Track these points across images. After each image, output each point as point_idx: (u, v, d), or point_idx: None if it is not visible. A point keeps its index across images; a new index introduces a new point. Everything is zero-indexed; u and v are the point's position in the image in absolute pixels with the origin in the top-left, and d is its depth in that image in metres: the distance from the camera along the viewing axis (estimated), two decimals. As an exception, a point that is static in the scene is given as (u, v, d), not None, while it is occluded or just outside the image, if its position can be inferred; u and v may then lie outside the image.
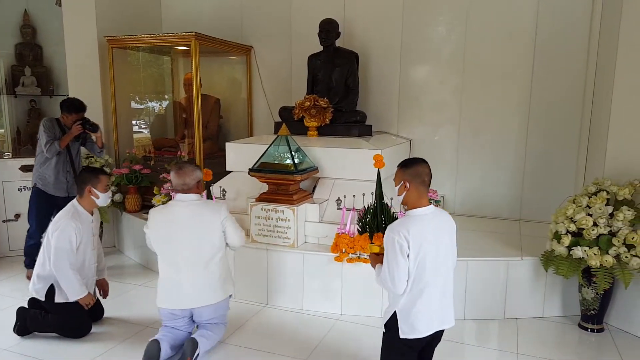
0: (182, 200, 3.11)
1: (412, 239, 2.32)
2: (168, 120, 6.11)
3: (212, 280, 3.11)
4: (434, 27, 5.02)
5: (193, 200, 3.11)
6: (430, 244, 2.36)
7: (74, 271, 3.32)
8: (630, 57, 3.59)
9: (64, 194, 4.41)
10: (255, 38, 5.76)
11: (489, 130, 4.94)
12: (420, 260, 2.35)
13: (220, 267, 3.14)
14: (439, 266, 2.41)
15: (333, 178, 4.23)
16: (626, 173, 3.60)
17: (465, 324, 3.67)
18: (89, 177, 3.45)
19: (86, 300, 3.37)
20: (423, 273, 2.36)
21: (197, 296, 3.08)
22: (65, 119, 4.40)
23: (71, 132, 4.35)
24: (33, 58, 5.75)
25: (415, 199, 2.44)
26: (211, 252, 3.10)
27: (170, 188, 4.51)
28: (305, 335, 3.49)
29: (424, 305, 2.38)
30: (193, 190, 3.12)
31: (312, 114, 4.66)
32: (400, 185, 2.46)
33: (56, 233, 3.30)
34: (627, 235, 3.27)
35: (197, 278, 3.07)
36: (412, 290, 2.38)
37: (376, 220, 3.05)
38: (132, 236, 5.06)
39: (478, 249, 3.95)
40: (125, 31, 5.24)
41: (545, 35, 4.63)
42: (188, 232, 3.05)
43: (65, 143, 4.35)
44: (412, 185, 2.42)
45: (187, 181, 3.09)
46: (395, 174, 2.52)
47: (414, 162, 2.50)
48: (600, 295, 3.45)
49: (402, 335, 2.40)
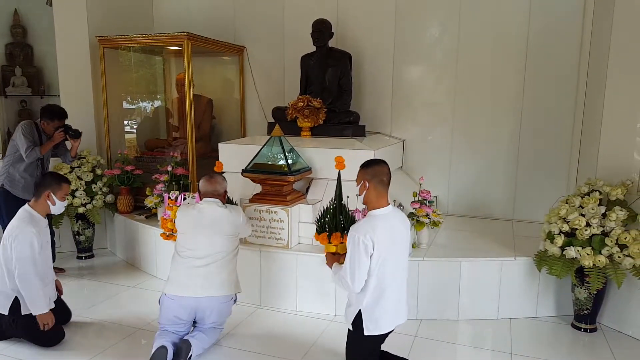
0: (210, 203, 3.34)
1: (377, 239, 2.44)
2: (160, 120, 6.07)
3: (223, 276, 3.23)
4: (426, 28, 5.02)
5: (218, 204, 3.35)
6: (393, 244, 2.51)
7: (40, 281, 3.22)
8: (622, 57, 3.61)
9: (31, 197, 4.36)
10: (248, 38, 5.74)
11: (482, 131, 4.95)
12: (383, 260, 2.47)
13: (230, 266, 3.30)
14: (398, 265, 2.55)
15: (326, 179, 4.22)
16: (618, 173, 3.61)
17: (458, 325, 3.67)
18: (51, 182, 3.41)
19: (45, 320, 3.21)
20: (385, 272, 2.48)
21: (207, 286, 3.17)
22: (45, 126, 4.34)
23: (54, 139, 4.31)
24: (23, 58, 5.70)
25: (375, 198, 2.56)
26: (226, 250, 3.27)
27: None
28: (299, 336, 3.48)
29: (386, 303, 2.51)
30: (220, 198, 3.38)
31: (305, 115, 4.64)
32: (360, 184, 2.59)
33: (15, 243, 3.18)
34: (620, 235, 3.28)
35: (211, 269, 3.20)
36: (375, 289, 2.49)
37: (335, 220, 3.14)
38: (124, 237, 5.02)
39: (471, 249, 3.95)
40: (116, 31, 5.19)
41: (537, 36, 4.64)
42: (210, 228, 3.25)
43: (47, 149, 4.32)
44: (371, 184, 2.55)
45: (217, 188, 3.38)
46: (357, 174, 2.64)
47: (373, 162, 2.64)
48: (593, 295, 3.47)
49: (367, 333, 2.52)
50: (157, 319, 3.61)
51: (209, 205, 3.32)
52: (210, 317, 3.22)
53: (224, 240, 3.28)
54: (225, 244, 3.28)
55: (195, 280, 3.17)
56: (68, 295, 4.14)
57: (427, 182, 4.20)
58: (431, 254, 3.82)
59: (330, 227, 3.16)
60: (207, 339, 3.20)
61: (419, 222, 3.84)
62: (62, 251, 5.18)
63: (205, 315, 3.21)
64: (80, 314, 3.79)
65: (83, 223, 4.99)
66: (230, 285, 3.28)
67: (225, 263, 3.26)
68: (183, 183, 4.55)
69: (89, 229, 5.06)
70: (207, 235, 3.24)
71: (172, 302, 3.16)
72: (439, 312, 3.73)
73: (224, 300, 3.24)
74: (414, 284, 3.66)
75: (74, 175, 4.87)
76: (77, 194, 4.82)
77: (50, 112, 4.35)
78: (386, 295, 2.52)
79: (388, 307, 2.53)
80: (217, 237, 3.26)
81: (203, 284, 3.17)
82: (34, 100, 5.81)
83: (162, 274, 4.51)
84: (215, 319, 3.25)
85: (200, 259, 3.20)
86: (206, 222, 3.26)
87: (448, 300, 3.72)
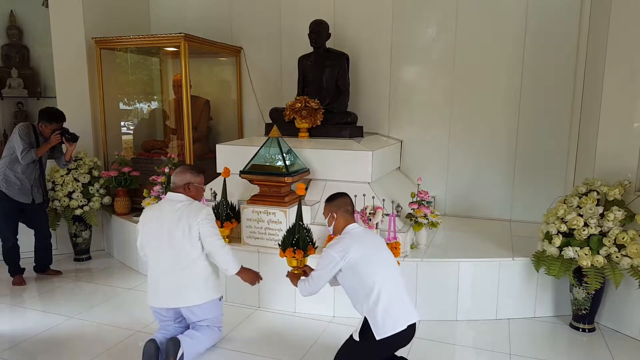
0: (169, 199, 3.11)
1: (353, 250, 2.62)
2: (157, 122, 6.06)
3: (194, 281, 3.05)
4: (424, 28, 5.02)
5: (177, 200, 3.08)
6: (376, 252, 2.70)
7: None
8: (620, 56, 3.62)
9: (27, 200, 4.35)
10: (245, 39, 5.73)
11: (479, 131, 4.95)
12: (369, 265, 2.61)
13: (203, 269, 3.07)
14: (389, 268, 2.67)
15: (324, 179, 4.22)
16: (615, 173, 3.62)
17: (457, 325, 3.67)
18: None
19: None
20: (375, 278, 2.59)
21: (175, 296, 3.04)
22: (43, 128, 4.33)
23: (50, 141, 4.30)
24: (20, 60, 5.68)
25: (343, 224, 2.81)
26: (192, 252, 3.02)
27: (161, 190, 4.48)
28: (297, 338, 3.47)
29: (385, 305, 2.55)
30: (179, 191, 3.10)
31: (303, 116, 4.64)
32: (328, 216, 2.86)
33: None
34: (618, 235, 3.29)
35: (176, 278, 3.02)
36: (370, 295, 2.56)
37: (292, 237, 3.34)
38: (122, 239, 5.01)
39: (469, 249, 3.95)
40: (113, 32, 5.18)
41: (534, 36, 4.65)
42: (169, 231, 3.00)
43: (43, 153, 4.30)
44: (339, 214, 2.83)
45: (175, 180, 3.11)
46: (323, 209, 2.92)
47: (337, 196, 2.91)
48: (591, 295, 3.47)
49: (379, 337, 2.53)
50: (154, 321, 3.61)
51: (167, 203, 3.08)
52: (190, 317, 3.10)
53: (185, 244, 2.99)
54: (188, 247, 3.00)
55: (162, 293, 3.03)
56: (65, 298, 4.15)
57: (425, 182, 4.20)
58: (429, 254, 3.81)
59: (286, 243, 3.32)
60: (201, 337, 3.06)
61: (418, 222, 3.84)
62: (59, 253, 5.16)
63: (186, 315, 3.10)
64: (78, 316, 3.78)
65: (80, 225, 4.97)
66: (206, 291, 3.08)
67: (196, 268, 3.03)
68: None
69: (86, 231, 5.05)
70: (167, 242, 2.99)
71: (151, 308, 3.13)
72: (438, 312, 3.73)
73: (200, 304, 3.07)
74: (412, 285, 3.66)
75: (71, 177, 4.85)
76: (73, 196, 4.80)
77: (49, 115, 4.33)
78: (383, 297, 2.55)
79: (389, 308, 2.55)
80: (178, 241, 2.98)
81: (169, 295, 3.02)
82: (31, 102, 5.80)
83: (159, 275, 4.50)
84: (202, 317, 3.11)
85: (163, 271, 3.01)
86: (165, 222, 3.01)
87: (446, 300, 3.71)
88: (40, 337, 3.45)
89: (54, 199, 4.79)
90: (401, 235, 3.69)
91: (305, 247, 3.28)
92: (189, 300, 3.05)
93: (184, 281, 3.03)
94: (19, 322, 3.72)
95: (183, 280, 3.03)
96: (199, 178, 3.17)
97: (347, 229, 2.78)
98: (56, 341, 3.41)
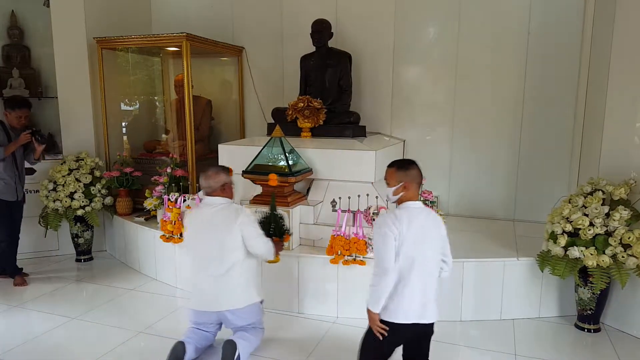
0: (207, 204, 3.12)
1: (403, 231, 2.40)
2: (159, 122, 6.04)
3: (233, 286, 3.05)
4: (426, 27, 5.00)
5: (217, 203, 3.09)
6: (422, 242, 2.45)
7: None
8: (625, 55, 3.59)
9: (13, 197, 4.34)
10: (246, 39, 5.71)
11: (482, 130, 4.92)
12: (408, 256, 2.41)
13: (241, 273, 3.07)
14: (425, 260, 2.47)
15: (327, 179, 4.19)
16: (620, 172, 3.59)
17: (461, 325, 3.64)
18: None
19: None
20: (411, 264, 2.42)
21: (216, 300, 3.05)
22: (7, 116, 4.33)
23: (19, 140, 4.27)
24: (21, 60, 5.65)
25: (411, 197, 2.54)
26: (232, 257, 3.03)
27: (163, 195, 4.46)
28: (301, 339, 3.45)
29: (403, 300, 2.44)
30: (217, 193, 3.11)
31: (305, 115, 4.62)
32: (398, 186, 2.53)
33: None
34: (624, 235, 3.26)
35: (217, 282, 3.03)
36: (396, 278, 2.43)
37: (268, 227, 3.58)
38: (123, 240, 4.98)
39: (473, 249, 3.93)
40: (114, 32, 5.16)
41: (537, 35, 4.62)
42: (208, 236, 3.04)
43: (11, 151, 4.26)
44: (412, 187, 2.53)
45: (210, 184, 3.10)
46: (389, 175, 2.59)
47: (412, 165, 2.58)
48: (597, 296, 3.44)
49: (383, 317, 2.46)
50: (157, 322, 3.59)
51: (205, 208, 3.11)
52: (235, 321, 3.08)
53: (224, 249, 3.02)
54: (227, 251, 3.02)
55: (204, 297, 3.06)
56: (67, 299, 4.13)
57: (428, 182, 4.17)
58: (433, 254, 3.78)
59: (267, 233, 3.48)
60: (252, 338, 3.06)
61: (421, 222, 3.81)
62: (61, 254, 5.16)
63: (230, 320, 3.09)
64: (79, 317, 3.76)
65: (82, 226, 4.95)
66: (245, 295, 3.08)
67: (234, 273, 3.03)
68: (182, 185, 4.51)
69: (88, 231, 5.03)
70: (211, 243, 3.03)
71: (191, 312, 3.13)
72: (442, 313, 3.67)
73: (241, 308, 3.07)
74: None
75: (73, 178, 4.83)
76: (75, 196, 4.78)
77: (11, 102, 4.36)
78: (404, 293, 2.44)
79: (404, 303, 2.45)
80: (217, 246, 3.02)
81: (211, 299, 3.04)
82: (32, 102, 5.75)
83: (161, 276, 4.48)
84: (245, 322, 3.10)
85: (209, 269, 3.03)
86: (207, 227, 3.05)
87: (451, 301, 3.69)
88: (41, 339, 3.43)
89: (56, 199, 4.77)
90: (405, 235, 3.66)
91: (281, 235, 3.58)
92: (234, 303, 3.05)
93: (228, 285, 3.04)
94: (20, 324, 3.70)
95: (227, 284, 3.04)
96: (230, 177, 3.21)
97: (408, 204, 2.52)
98: (57, 343, 3.39)
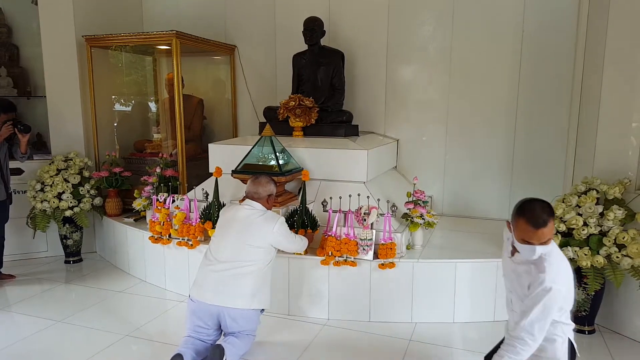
0: (247, 204, 3.19)
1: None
2: (150, 121, 5.97)
3: (241, 287, 3.02)
4: (420, 25, 4.95)
5: (258, 208, 3.18)
6: None
7: None
8: (619, 53, 3.56)
9: (2, 197, 4.30)
10: (239, 37, 5.65)
11: (476, 130, 4.88)
12: None
13: (253, 279, 3.06)
14: None
15: (319, 179, 4.14)
16: (615, 172, 3.56)
17: (454, 327, 3.60)
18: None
19: None
20: None
21: (219, 294, 3.00)
22: None
23: (1, 134, 4.21)
24: (9, 58, 5.58)
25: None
26: (250, 260, 3.05)
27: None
28: (291, 341, 3.40)
29: None
30: (261, 201, 3.21)
31: (297, 114, 4.56)
32: (548, 239, 2.28)
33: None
34: (618, 235, 3.22)
35: (227, 278, 3.02)
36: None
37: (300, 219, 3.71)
38: (113, 241, 4.91)
39: (467, 250, 3.88)
40: (104, 30, 5.09)
41: (532, 33, 4.59)
42: (237, 233, 3.09)
43: None
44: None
45: (258, 190, 3.21)
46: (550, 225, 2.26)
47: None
48: (591, 297, 3.40)
49: None
50: (145, 324, 3.53)
51: (244, 207, 3.18)
52: (232, 326, 3.04)
53: (250, 250, 3.06)
54: (253, 253, 3.06)
55: (208, 285, 3.03)
56: (54, 300, 4.06)
57: (421, 182, 4.14)
58: (426, 255, 3.74)
59: (298, 225, 3.69)
60: (240, 343, 3.02)
61: (414, 222, 3.77)
62: (49, 255, 5.09)
63: (227, 323, 3.03)
64: (67, 319, 3.69)
65: (71, 227, 4.88)
66: (251, 299, 3.05)
67: (247, 275, 3.03)
68: (172, 185, 4.45)
69: (77, 232, 4.95)
70: (233, 240, 3.08)
71: (192, 304, 3.07)
72: (434, 314, 3.66)
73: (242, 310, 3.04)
74: (408, 287, 3.59)
75: (61, 178, 4.76)
76: (63, 197, 4.71)
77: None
78: None
79: None
80: (243, 244, 3.06)
81: (215, 290, 3.00)
82: (21, 102, 5.67)
83: (151, 278, 4.41)
84: (241, 328, 3.06)
85: (221, 263, 3.04)
86: (236, 225, 3.10)
87: (443, 302, 3.64)
88: (28, 341, 3.36)
89: (44, 200, 4.69)
90: (397, 236, 3.62)
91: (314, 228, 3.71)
92: (234, 303, 3.00)
93: (234, 283, 3.02)
94: (5, 326, 3.63)
95: (234, 281, 3.02)
96: (276, 189, 3.36)
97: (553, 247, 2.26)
98: (44, 346, 3.32)
